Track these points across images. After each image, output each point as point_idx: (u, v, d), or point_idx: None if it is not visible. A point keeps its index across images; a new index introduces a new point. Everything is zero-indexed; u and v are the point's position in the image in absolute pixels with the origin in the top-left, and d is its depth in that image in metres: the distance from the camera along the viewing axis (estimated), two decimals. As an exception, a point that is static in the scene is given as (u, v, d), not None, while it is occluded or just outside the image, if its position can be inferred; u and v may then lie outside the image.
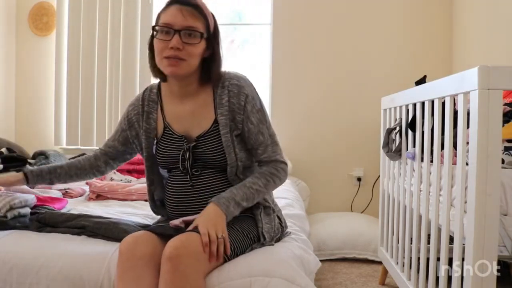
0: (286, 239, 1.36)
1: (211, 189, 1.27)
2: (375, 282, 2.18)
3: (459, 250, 1.18)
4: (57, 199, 1.75)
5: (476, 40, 2.70)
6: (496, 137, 1.05)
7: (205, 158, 1.26)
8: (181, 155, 1.26)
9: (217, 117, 1.25)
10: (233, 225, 1.20)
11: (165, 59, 1.18)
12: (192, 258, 1.04)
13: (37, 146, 3.26)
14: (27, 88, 3.61)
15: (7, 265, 1.21)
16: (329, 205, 3.13)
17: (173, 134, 1.29)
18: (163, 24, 1.19)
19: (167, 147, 1.29)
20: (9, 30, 3.55)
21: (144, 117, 1.33)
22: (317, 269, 1.34)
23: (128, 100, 3.27)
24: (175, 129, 1.30)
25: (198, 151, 1.26)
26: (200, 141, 1.26)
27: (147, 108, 1.33)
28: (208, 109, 1.27)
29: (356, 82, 3.13)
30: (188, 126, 1.29)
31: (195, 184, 1.27)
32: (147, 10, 3.33)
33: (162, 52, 1.19)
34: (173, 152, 1.28)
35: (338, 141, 3.16)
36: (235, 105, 1.25)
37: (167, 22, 1.19)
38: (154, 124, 1.32)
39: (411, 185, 1.66)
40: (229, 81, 1.26)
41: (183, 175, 1.28)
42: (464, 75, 1.14)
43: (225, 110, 1.25)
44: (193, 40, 1.19)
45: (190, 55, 1.19)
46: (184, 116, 1.29)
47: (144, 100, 1.35)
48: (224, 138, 1.24)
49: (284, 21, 3.21)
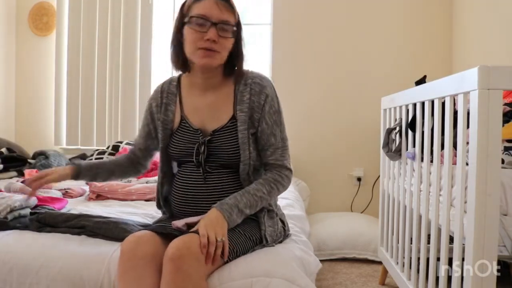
0: (287, 240, 1.36)
1: (222, 187, 1.27)
2: (375, 282, 2.18)
3: (459, 250, 1.18)
4: (57, 199, 1.75)
5: (476, 40, 2.70)
6: (496, 137, 1.05)
7: (219, 153, 1.26)
8: (196, 148, 1.26)
9: (236, 113, 1.26)
10: (236, 228, 1.20)
11: (200, 50, 1.20)
12: (194, 259, 1.04)
13: (37, 146, 3.27)
14: (27, 88, 3.61)
15: (7, 265, 1.21)
16: (329, 205, 3.13)
17: (189, 127, 1.30)
18: (199, 15, 1.19)
19: (182, 140, 1.30)
20: (9, 30, 3.55)
21: (162, 108, 1.34)
22: (317, 270, 1.34)
23: (128, 100, 3.33)
24: (192, 122, 1.30)
25: (213, 145, 1.26)
26: (216, 135, 1.26)
27: (166, 100, 1.35)
28: (227, 104, 1.28)
29: (356, 82, 3.13)
30: (205, 118, 1.29)
31: (207, 178, 1.27)
32: (147, 10, 3.33)
33: (197, 42, 1.20)
34: (187, 144, 1.28)
35: (338, 141, 3.16)
36: (255, 103, 1.26)
37: (203, 14, 1.19)
38: (171, 116, 1.33)
39: (411, 185, 1.66)
40: (252, 80, 1.28)
41: (195, 168, 1.28)
42: (464, 75, 1.14)
43: (245, 107, 1.26)
44: (227, 34, 1.21)
45: (224, 48, 1.21)
46: (202, 108, 1.30)
47: (163, 92, 1.36)
48: (241, 135, 1.25)
49: (284, 21, 3.21)
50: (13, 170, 2.75)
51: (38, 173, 1.35)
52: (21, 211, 1.44)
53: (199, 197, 1.27)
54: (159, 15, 3.43)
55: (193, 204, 1.28)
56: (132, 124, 3.36)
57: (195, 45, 1.20)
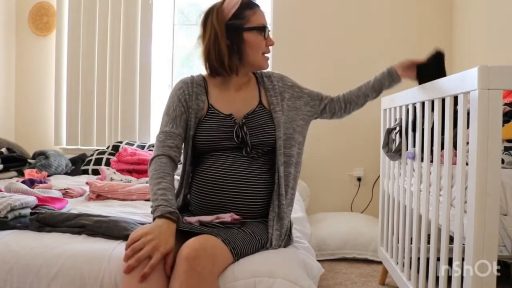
0: (289, 246, 1.36)
1: (261, 170, 1.32)
2: (375, 282, 2.18)
3: (459, 250, 1.18)
4: (57, 199, 1.75)
5: (476, 40, 2.70)
6: (496, 137, 1.05)
7: (255, 133, 1.32)
8: (235, 131, 1.30)
9: (262, 99, 1.40)
10: (246, 229, 1.21)
11: (264, 55, 1.38)
12: (209, 260, 1.04)
13: (37, 146, 3.27)
14: (27, 88, 3.61)
15: (7, 265, 1.21)
16: (329, 205, 3.13)
17: (219, 113, 1.34)
18: (262, 25, 1.35)
19: (211, 127, 1.32)
20: (9, 30, 3.55)
21: (193, 97, 1.37)
22: (319, 274, 1.34)
23: (128, 100, 3.33)
24: (221, 109, 1.35)
25: (249, 128, 1.32)
26: (249, 118, 1.34)
27: (196, 89, 1.38)
28: (253, 93, 1.41)
29: (356, 82, 3.11)
30: (234, 105, 1.37)
31: (249, 161, 1.31)
32: (147, 10, 3.33)
33: (262, 49, 1.36)
34: (220, 129, 1.31)
35: (338, 141, 3.16)
36: (284, 86, 1.44)
37: (263, 23, 1.35)
38: (202, 105, 1.36)
39: (411, 185, 1.66)
40: (271, 73, 1.47)
41: (232, 153, 1.30)
42: (464, 75, 1.14)
43: (274, 92, 1.41)
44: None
45: None
46: (230, 98, 1.39)
47: (193, 83, 1.40)
48: (275, 114, 1.36)
49: (284, 21, 3.21)
50: (13, 170, 2.75)
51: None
52: (21, 211, 1.44)
53: (241, 181, 1.28)
54: (159, 15, 3.43)
55: (230, 191, 1.28)
56: (132, 124, 3.36)
57: (261, 51, 1.36)
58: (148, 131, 3.37)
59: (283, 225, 1.30)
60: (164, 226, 1.09)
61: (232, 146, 1.31)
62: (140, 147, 3.04)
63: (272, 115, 1.36)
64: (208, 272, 1.04)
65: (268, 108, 1.38)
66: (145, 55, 3.31)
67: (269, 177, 1.33)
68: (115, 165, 2.73)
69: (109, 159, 2.89)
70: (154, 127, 3.40)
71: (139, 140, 3.32)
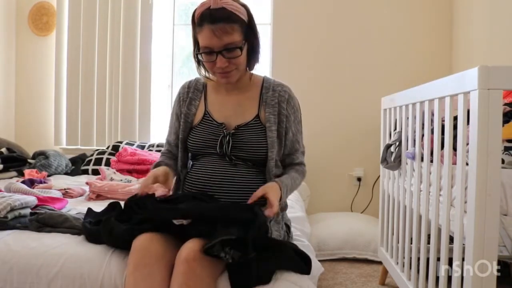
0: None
1: (244, 178, 1.31)
2: (375, 282, 2.18)
3: (459, 250, 1.18)
4: (57, 199, 1.75)
5: (476, 40, 2.70)
6: (496, 137, 1.05)
7: (243, 147, 1.30)
8: (220, 140, 1.30)
9: (260, 113, 1.35)
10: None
11: (217, 74, 1.29)
12: (208, 262, 1.05)
13: (37, 146, 3.27)
14: (27, 88, 3.61)
15: (7, 265, 1.21)
16: (329, 205, 3.13)
17: (212, 121, 1.35)
18: (204, 47, 1.24)
19: (203, 132, 1.34)
20: (9, 30, 3.55)
21: (186, 102, 1.40)
22: (319, 274, 1.35)
23: (128, 100, 3.33)
24: (216, 117, 1.36)
25: (236, 139, 1.31)
26: (240, 130, 1.32)
27: (192, 95, 1.41)
28: (252, 104, 1.37)
29: (356, 82, 3.13)
30: (229, 114, 1.35)
31: (231, 169, 1.30)
32: (147, 10, 3.33)
33: (212, 69, 1.29)
34: (209, 136, 1.33)
35: (338, 141, 3.16)
36: (283, 112, 1.35)
37: (206, 46, 1.23)
38: (194, 110, 1.39)
39: (411, 185, 1.66)
40: (281, 87, 1.38)
41: (216, 159, 1.31)
42: (464, 75, 1.14)
43: (274, 110, 1.34)
44: (235, 54, 1.24)
45: (237, 64, 1.27)
46: (227, 104, 1.37)
47: (190, 88, 1.43)
48: (271, 134, 1.32)
49: (284, 21, 3.21)
50: (13, 170, 2.75)
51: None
52: (21, 211, 1.44)
53: (220, 186, 1.29)
54: (159, 15, 3.43)
55: (216, 194, 1.29)
56: (132, 124, 3.36)
57: (211, 70, 1.30)
58: (148, 131, 3.37)
59: (279, 222, 1.33)
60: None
61: (219, 152, 1.32)
62: (140, 147, 3.04)
63: (267, 134, 1.32)
64: (207, 274, 1.04)
65: (264, 124, 1.33)
66: (145, 55, 3.31)
67: (260, 182, 1.31)
68: (115, 165, 2.73)
69: (109, 159, 2.90)
70: (154, 127, 3.40)
71: (139, 140, 3.32)
